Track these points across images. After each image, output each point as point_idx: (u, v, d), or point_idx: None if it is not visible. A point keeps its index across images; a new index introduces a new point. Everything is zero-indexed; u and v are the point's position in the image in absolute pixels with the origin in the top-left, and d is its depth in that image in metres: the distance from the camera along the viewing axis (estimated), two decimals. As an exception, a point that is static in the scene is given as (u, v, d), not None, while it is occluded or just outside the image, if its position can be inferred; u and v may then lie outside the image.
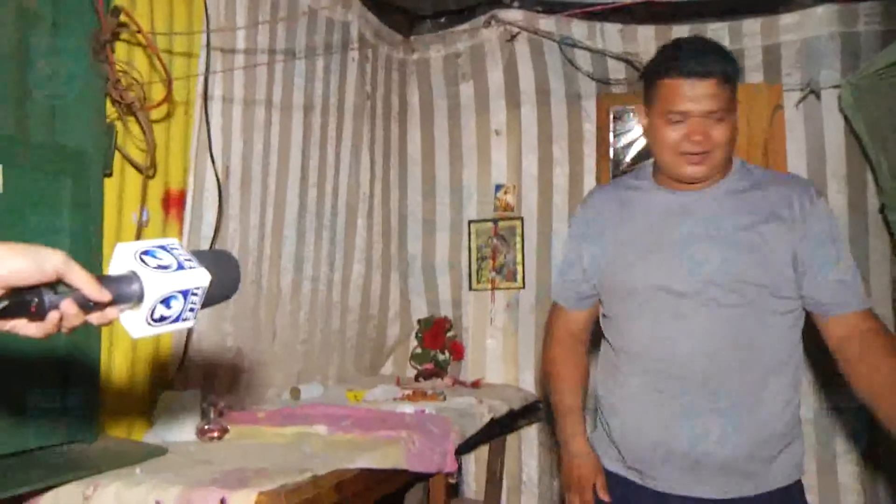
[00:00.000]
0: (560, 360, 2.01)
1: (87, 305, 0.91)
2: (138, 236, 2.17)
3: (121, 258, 0.95)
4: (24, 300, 0.88)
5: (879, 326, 1.72)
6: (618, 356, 1.85)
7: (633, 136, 5.34)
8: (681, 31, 3.38)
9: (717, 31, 3.34)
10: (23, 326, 0.91)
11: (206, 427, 2.21)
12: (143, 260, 0.94)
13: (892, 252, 3.06)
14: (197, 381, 2.42)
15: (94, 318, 0.94)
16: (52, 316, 0.90)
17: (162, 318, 0.95)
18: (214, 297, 1.01)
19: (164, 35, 2.24)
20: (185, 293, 0.95)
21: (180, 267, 0.95)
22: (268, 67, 2.69)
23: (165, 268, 0.94)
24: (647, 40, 3.42)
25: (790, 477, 1.76)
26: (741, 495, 1.72)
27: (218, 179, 2.40)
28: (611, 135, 3.66)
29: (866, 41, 3.17)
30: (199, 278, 0.96)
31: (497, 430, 3.20)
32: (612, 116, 3.63)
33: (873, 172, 3.10)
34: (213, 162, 2.39)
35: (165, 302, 0.94)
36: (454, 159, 3.82)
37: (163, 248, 0.97)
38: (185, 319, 0.97)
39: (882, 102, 2.95)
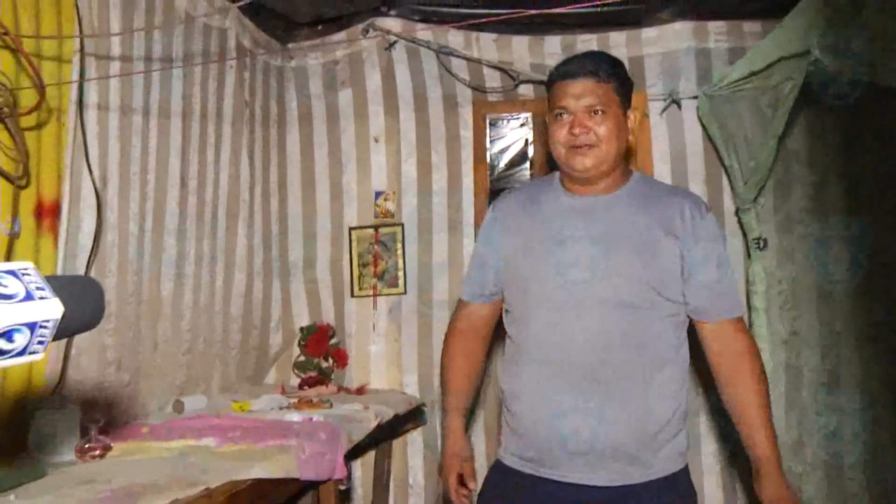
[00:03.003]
0: (455, 352, 2.14)
1: None
2: (9, 248, 2.06)
3: None
4: None
5: (747, 346, 1.88)
6: (517, 348, 1.95)
7: (507, 142, 5.52)
8: (553, 41, 3.52)
9: (587, 42, 3.50)
10: None
11: (87, 445, 2.11)
12: None
13: (745, 251, 3.29)
14: (77, 397, 2.32)
15: None
16: None
17: (1, 353, 0.84)
18: (70, 328, 0.91)
19: (32, 38, 2.14)
20: (31, 326, 0.85)
21: (28, 297, 0.84)
22: (144, 74, 2.62)
23: (9, 297, 0.83)
24: (521, 50, 3.54)
25: (675, 465, 1.87)
26: (629, 483, 1.82)
27: (96, 188, 2.32)
28: (487, 141, 3.78)
29: (716, 56, 3.42)
30: (50, 310, 0.86)
31: (383, 435, 3.24)
32: (487, 123, 3.75)
33: (728, 176, 3.33)
34: (90, 171, 2.30)
35: (7, 335, 0.83)
36: (334, 166, 3.81)
37: (11, 273, 0.85)
38: (32, 353, 0.86)
39: (733, 113, 3.17)
